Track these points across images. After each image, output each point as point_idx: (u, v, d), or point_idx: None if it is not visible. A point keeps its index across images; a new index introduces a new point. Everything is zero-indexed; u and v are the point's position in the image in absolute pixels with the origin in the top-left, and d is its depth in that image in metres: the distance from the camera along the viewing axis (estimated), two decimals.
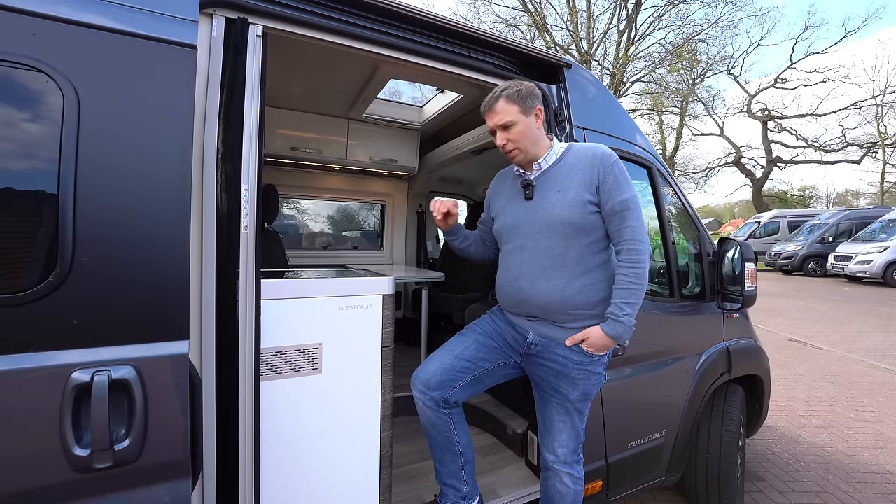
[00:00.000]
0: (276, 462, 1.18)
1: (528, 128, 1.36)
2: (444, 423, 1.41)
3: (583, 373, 1.34)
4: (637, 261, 1.28)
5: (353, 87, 2.40)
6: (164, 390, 0.88)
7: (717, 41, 20.45)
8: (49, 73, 0.80)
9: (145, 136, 0.88)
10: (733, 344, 2.14)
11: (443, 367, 1.40)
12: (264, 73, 1.12)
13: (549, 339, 1.37)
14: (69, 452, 0.79)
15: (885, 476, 2.57)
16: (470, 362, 1.42)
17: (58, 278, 0.79)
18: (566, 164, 1.38)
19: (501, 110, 1.35)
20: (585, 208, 1.31)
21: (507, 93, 1.35)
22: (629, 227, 1.29)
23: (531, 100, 1.37)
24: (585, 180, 1.32)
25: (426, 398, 1.40)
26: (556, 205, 1.33)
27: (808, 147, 24.68)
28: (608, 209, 1.31)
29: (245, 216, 1.06)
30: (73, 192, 0.81)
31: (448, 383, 1.39)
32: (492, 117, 1.38)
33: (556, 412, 1.40)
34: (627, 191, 1.31)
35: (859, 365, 4.78)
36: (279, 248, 2.43)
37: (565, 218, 1.31)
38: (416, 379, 1.43)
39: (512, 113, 1.34)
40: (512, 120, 1.34)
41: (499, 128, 1.37)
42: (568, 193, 1.33)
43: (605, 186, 1.31)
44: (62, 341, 0.80)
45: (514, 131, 1.35)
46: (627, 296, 1.28)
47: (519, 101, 1.35)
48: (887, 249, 11.35)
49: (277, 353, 1.17)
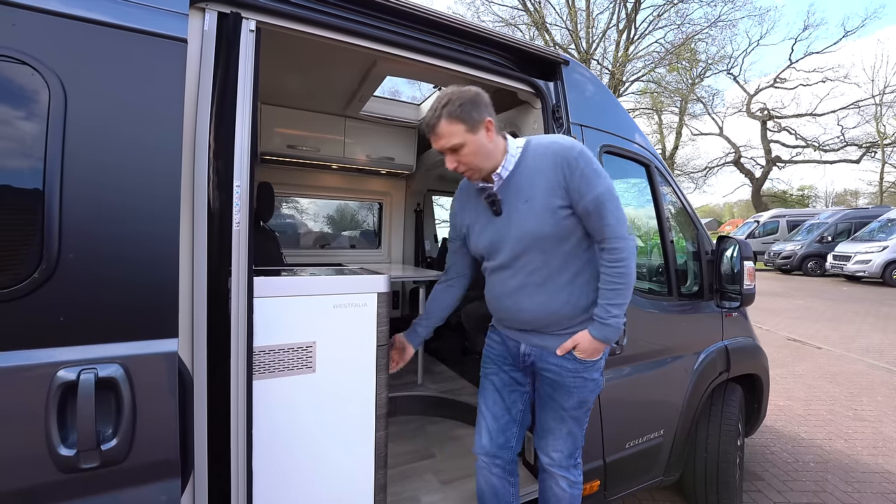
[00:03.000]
0: (270, 462, 1.17)
1: (479, 146, 1.21)
2: (506, 493, 1.44)
3: (578, 380, 1.30)
4: (619, 259, 1.21)
5: (349, 85, 2.39)
6: (152, 389, 0.86)
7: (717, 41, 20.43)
8: (35, 66, 0.79)
9: (134, 131, 0.86)
10: (732, 343, 2.13)
11: (491, 433, 1.43)
12: (257, 69, 1.10)
13: (541, 348, 1.33)
14: (54, 452, 0.78)
15: (883, 475, 2.56)
16: (508, 414, 1.43)
17: (43, 275, 0.78)
18: (528, 167, 1.26)
19: (445, 133, 1.18)
20: (557, 214, 1.21)
21: (448, 110, 1.16)
22: (607, 224, 1.20)
23: (477, 112, 1.19)
24: (551, 184, 1.21)
25: (493, 463, 1.43)
26: (525, 218, 1.23)
27: (807, 147, 24.72)
28: (581, 209, 1.21)
29: (237, 213, 1.05)
30: (59, 187, 0.79)
31: (505, 444, 1.43)
32: (435, 141, 1.21)
33: (552, 418, 1.38)
34: (598, 184, 1.19)
35: (858, 364, 4.77)
36: (275, 247, 2.41)
37: (538, 231, 1.22)
38: (478, 450, 1.45)
39: (458, 134, 1.18)
40: (459, 142, 1.18)
41: (446, 151, 1.22)
42: (535, 203, 1.22)
43: (573, 186, 1.20)
44: (47, 339, 0.78)
45: (464, 153, 1.20)
46: (613, 297, 1.22)
47: (463, 118, 1.17)
48: (886, 249, 11.35)
49: (270, 352, 1.15)
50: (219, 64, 1.06)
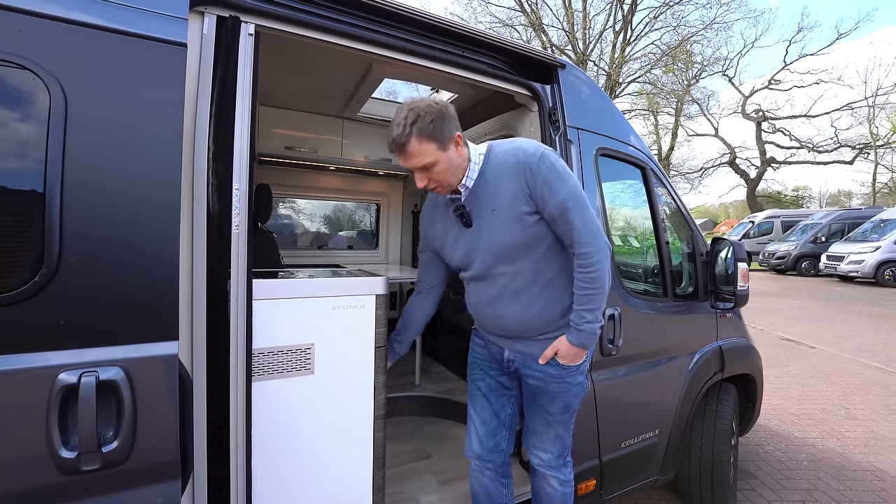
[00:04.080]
0: (269, 463, 1.17)
1: (450, 163, 1.18)
2: (500, 494, 1.45)
3: (562, 385, 1.31)
4: (589, 265, 1.18)
5: (347, 87, 2.39)
6: (153, 391, 0.87)
7: (712, 42, 20.70)
8: (35, 71, 0.79)
9: (134, 135, 0.87)
10: (726, 343, 2.16)
11: (481, 438, 1.44)
12: (256, 72, 1.11)
13: (525, 354, 1.34)
14: (56, 455, 0.78)
15: (874, 473, 2.60)
16: (496, 419, 1.45)
17: (44, 278, 0.78)
18: (492, 175, 1.23)
19: (416, 153, 1.14)
20: (524, 222, 1.19)
21: (419, 127, 1.11)
22: (574, 228, 1.17)
23: (447, 128, 1.15)
24: (515, 191, 1.19)
25: (485, 466, 1.45)
26: (493, 228, 1.21)
27: (801, 148, 24.89)
28: (547, 215, 1.19)
29: (236, 216, 1.05)
30: (60, 191, 0.80)
31: (495, 448, 1.44)
32: (406, 160, 1.17)
33: (538, 422, 1.39)
34: (562, 188, 1.16)
35: (851, 363, 4.82)
36: (273, 248, 2.42)
37: (506, 241, 1.21)
38: (469, 454, 1.47)
39: (430, 153, 1.14)
40: (431, 161, 1.15)
41: (416, 169, 1.18)
42: (501, 212, 1.20)
43: (536, 192, 1.17)
44: (48, 342, 0.79)
45: (435, 171, 1.17)
46: (585, 302, 1.20)
47: (435, 135, 1.13)
48: (878, 249, 11.46)
49: (269, 354, 1.16)
50: (218, 68, 1.06)
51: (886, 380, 4.29)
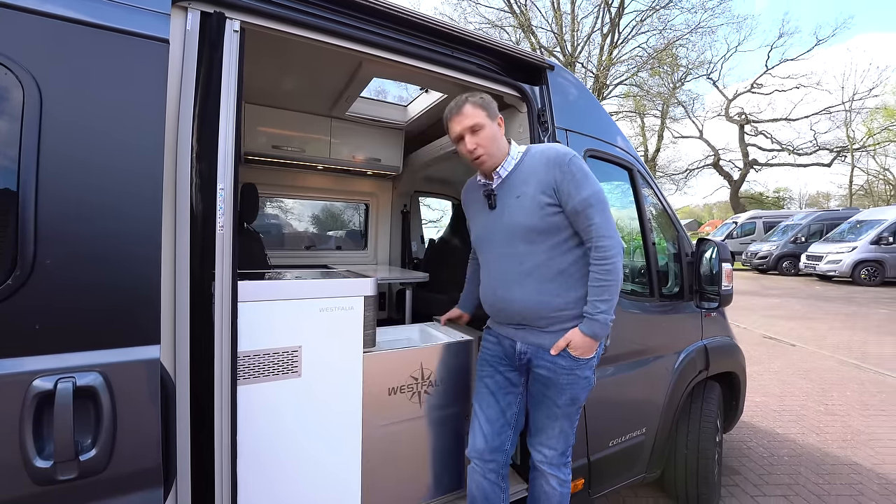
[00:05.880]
0: (255, 468, 1.15)
1: (495, 132, 1.38)
2: (497, 499, 1.45)
3: (571, 377, 1.34)
4: (605, 257, 1.28)
5: (335, 86, 2.37)
6: (133, 397, 0.85)
7: (697, 46, 21.03)
8: (7, 66, 0.76)
9: (113, 133, 0.84)
10: (711, 342, 2.20)
11: (486, 436, 1.44)
12: (241, 70, 1.09)
13: (537, 346, 1.37)
14: (30, 465, 0.75)
15: (851, 467, 2.67)
16: (503, 417, 1.45)
17: (17, 281, 0.75)
18: (524, 169, 1.38)
19: (470, 114, 1.35)
20: (544, 210, 1.31)
21: (472, 99, 1.37)
22: (594, 224, 1.28)
23: (494, 108, 1.40)
24: (542, 183, 1.32)
25: (486, 467, 1.44)
26: (515, 212, 1.35)
27: (782, 150, 25.58)
28: (570, 209, 1.30)
29: (221, 216, 1.03)
30: (35, 192, 0.77)
31: (500, 447, 1.44)
32: (460, 121, 1.37)
33: (545, 416, 1.41)
34: (587, 188, 1.29)
35: (829, 360, 4.96)
36: (259, 249, 2.38)
37: (525, 223, 1.32)
38: (472, 453, 1.47)
39: (480, 116, 1.35)
40: (480, 123, 1.35)
41: (467, 131, 1.36)
42: (525, 198, 1.33)
43: (562, 187, 1.30)
44: (23, 347, 0.76)
45: (482, 135, 1.36)
46: (600, 293, 1.28)
47: (485, 107, 1.37)
48: (855, 249, 11.85)
49: (255, 357, 1.14)
50: (202, 65, 1.04)
51: (862, 376, 4.42)
